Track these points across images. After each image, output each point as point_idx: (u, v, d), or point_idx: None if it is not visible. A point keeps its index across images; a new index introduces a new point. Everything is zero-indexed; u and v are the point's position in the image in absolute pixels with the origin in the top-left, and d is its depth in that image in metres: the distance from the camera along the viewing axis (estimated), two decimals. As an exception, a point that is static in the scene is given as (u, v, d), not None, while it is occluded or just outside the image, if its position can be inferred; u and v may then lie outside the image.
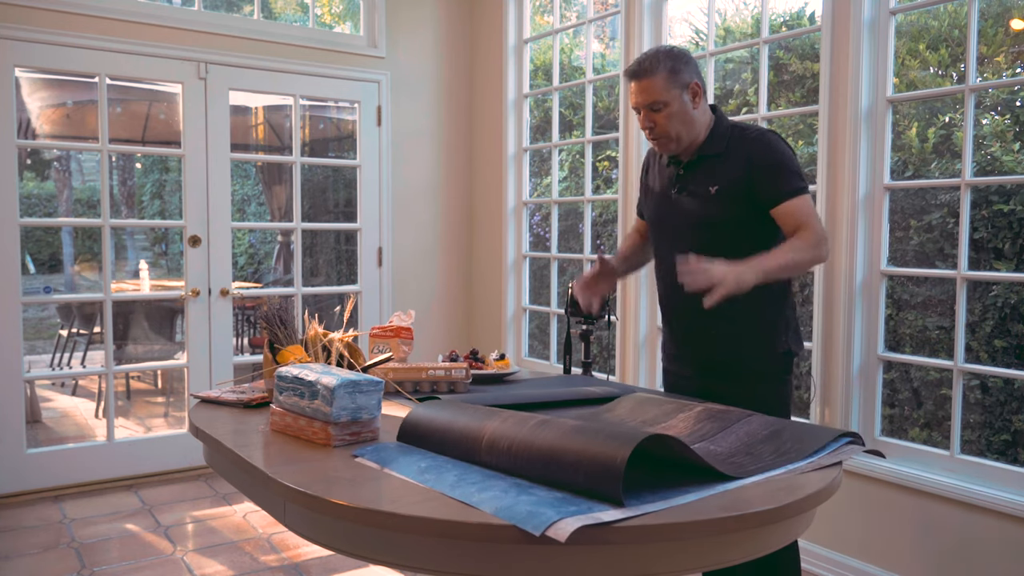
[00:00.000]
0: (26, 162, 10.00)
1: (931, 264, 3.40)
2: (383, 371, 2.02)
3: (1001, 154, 3.21)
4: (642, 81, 2.05)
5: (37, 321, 8.92)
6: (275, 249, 8.40)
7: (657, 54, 2.07)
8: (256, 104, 7.43)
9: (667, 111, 2.04)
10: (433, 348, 4.61)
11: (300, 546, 3.24)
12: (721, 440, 1.54)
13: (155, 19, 3.96)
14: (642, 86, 2.05)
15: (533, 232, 5.06)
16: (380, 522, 1.20)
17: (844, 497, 2.85)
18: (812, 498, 1.30)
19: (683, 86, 2.05)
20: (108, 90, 3.91)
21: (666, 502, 1.22)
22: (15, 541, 3.28)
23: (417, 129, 4.73)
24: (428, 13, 4.73)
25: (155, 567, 3.05)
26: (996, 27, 3.34)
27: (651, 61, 2.05)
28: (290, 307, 2.06)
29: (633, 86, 2.08)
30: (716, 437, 1.56)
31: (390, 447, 1.52)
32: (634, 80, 2.07)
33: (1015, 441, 3.19)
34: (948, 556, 2.62)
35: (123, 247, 10.29)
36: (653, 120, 2.05)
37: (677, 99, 2.04)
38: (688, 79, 2.06)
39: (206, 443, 1.73)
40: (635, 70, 2.07)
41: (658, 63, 2.04)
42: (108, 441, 4.02)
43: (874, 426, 2.89)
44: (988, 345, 3.22)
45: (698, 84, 2.07)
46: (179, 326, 6.08)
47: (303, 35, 4.39)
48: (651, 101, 2.04)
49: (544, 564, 1.16)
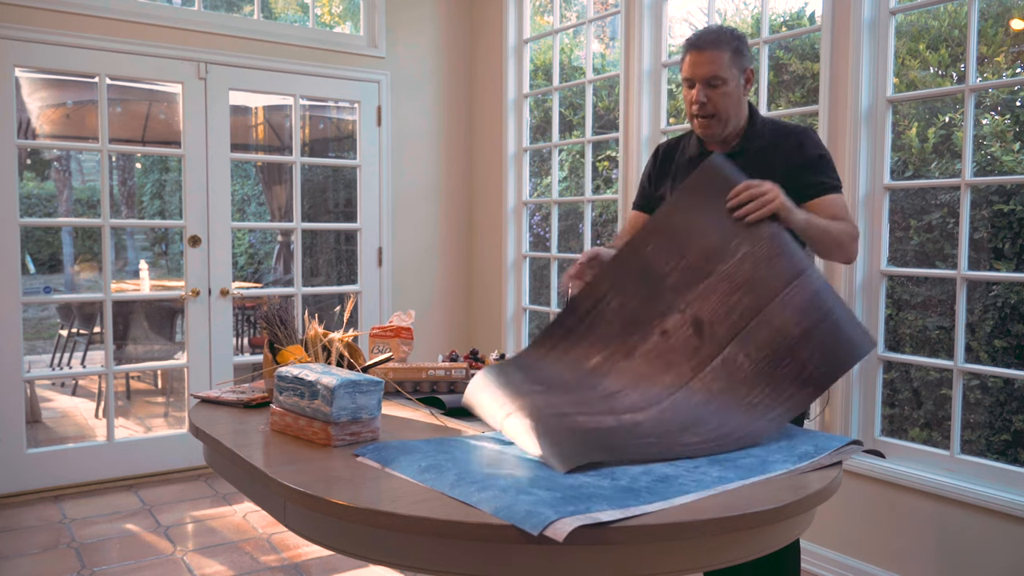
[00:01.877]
0: (26, 162, 10.00)
1: (931, 264, 3.40)
2: (383, 371, 2.02)
3: (1001, 154, 3.21)
4: (705, 52, 1.95)
5: (37, 321, 8.92)
6: (275, 249, 8.40)
7: (722, 30, 1.99)
8: (256, 104, 7.43)
9: (724, 89, 1.95)
10: (433, 348, 4.61)
11: (300, 546, 3.24)
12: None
13: (155, 19, 3.96)
14: (705, 57, 1.95)
15: (533, 232, 5.06)
16: (380, 522, 1.20)
17: (844, 497, 2.85)
18: (812, 498, 1.30)
19: (741, 69, 1.99)
20: (108, 90, 3.91)
21: (666, 502, 1.22)
22: (15, 541, 3.28)
23: (417, 129, 4.73)
24: (428, 13, 4.73)
25: (155, 567, 3.05)
26: (996, 27, 3.34)
27: (717, 35, 1.97)
28: (290, 307, 2.06)
29: (694, 57, 1.97)
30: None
31: (391, 446, 1.52)
32: (697, 51, 1.97)
33: (1015, 441, 3.18)
34: (948, 556, 2.62)
35: (123, 247, 10.29)
36: (707, 95, 1.96)
37: (735, 79, 1.97)
38: (747, 64, 2.00)
39: (206, 443, 1.73)
40: (699, 41, 1.98)
41: (724, 39, 1.97)
42: (108, 441, 4.02)
43: (874, 426, 2.89)
44: (988, 345, 3.22)
45: (752, 72, 2.02)
46: (179, 326, 6.08)
47: (303, 35, 4.39)
48: (712, 75, 1.95)
49: (543, 564, 1.16)
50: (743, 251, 1.68)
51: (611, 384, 1.68)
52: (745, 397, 1.53)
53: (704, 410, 1.56)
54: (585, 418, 1.53)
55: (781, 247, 1.68)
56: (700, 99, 1.97)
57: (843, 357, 1.60)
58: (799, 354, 1.54)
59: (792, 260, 1.66)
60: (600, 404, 1.61)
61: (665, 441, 1.48)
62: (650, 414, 1.57)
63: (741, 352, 1.56)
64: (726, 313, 1.62)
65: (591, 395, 1.64)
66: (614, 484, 1.28)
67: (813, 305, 1.61)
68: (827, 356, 1.56)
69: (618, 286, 1.78)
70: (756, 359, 1.56)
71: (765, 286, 1.62)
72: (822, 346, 1.55)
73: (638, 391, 1.65)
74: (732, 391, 1.57)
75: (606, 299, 1.78)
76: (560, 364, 1.75)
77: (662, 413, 1.57)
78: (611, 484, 1.28)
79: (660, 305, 1.72)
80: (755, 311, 1.59)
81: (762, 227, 1.71)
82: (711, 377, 1.61)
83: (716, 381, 1.60)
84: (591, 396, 1.63)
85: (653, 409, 1.59)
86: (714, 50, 1.95)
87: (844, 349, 1.60)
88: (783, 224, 1.75)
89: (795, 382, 1.52)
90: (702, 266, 1.70)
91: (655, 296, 1.73)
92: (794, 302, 1.60)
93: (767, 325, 1.57)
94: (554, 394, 1.62)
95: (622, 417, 1.56)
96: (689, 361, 1.64)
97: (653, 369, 1.67)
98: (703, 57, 1.96)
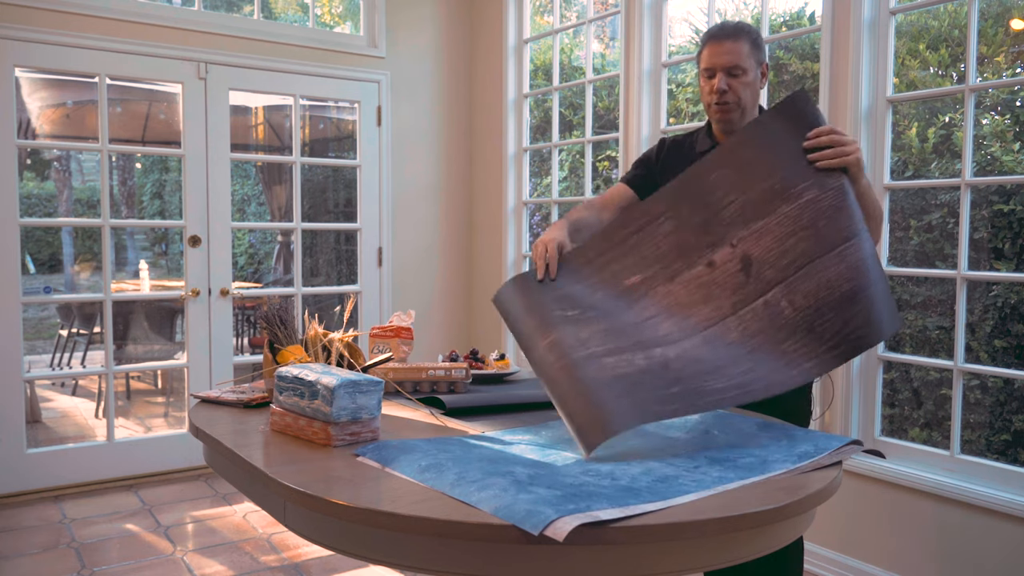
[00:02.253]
0: (26, 162, 10.00)
1: (931, 264, 3.40)
2: (383, 371, 2.02)
3: (1001, 154, 3.21)
4: (726, 43, 1.99)
5: (37, 321, 8.92)
6: (275, 249, 8.40)
7: (741, 23, 2.04)
8: (256, 104, 7.43)
9: (744, 79, 1.99)
10: (433, 348, 4.61)
11: (300, 546, 3.24)
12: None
13: (155, 19, 3.96)
14: (727, 47, 1.99)
15: (533, 232, 5.06)
16: (380, 522, 1.20)
17: (844, 497, 2.85)
18: (812, 498, 1.30)
19: (759, 62, 2.03)
20: (108, 90, 3.91)
21: (666, 502, 1.22)
22: (15, 541, 3.28)
23: (417, 129, 4.73)
24: (428, 13, 4.73)
25: (155, 567, 3.05)
26: (996, 27, 3.34)
27: (736, 27, 2.02)
28: (290, 307, 2.06)
29: (714, 48, 2.01)
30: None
31: (391, 446, 1.52)
32: (718, 41, 2.01)
33: (1015, 441, 3.18)
34: (948, 556, 2.62)
35: (123, 247, 10.28)
36: (728, 84, 1.99)
37: (753, 71, 2.01)
38: (763, 58, 2.04)
39: (206, 443, 1.73)
40: (720, 32, 2.02)
41: (743, 30, 2.01)
42: (108, 441, 4.02)
43: (874, 426, 2.89)
44: (988, 345, 3.22)
45: (767, 67, 2.06)
46: (179, 326, 6.08)
47: (303, 35, 4.39)
48: (733, 64, 1.98)
49: (544, 564, 1.16)
50: (808, 196, 1.67)
51: (645, 308, 1.66)
52: (781, 343, 1.54)
53: (736, 350, 1.56)
54: (613, 359, 1.51)
55: (846, 202, 1.67)
56: (721, 87, 1.99)
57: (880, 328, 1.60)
58: (843, 311, 1.54)
59: (853, 218, 1.66)
60: (631, 333, 1.59)
61: (692, 387, 1.48)
62: (682, 348, 1.56)
63: (785, 298, 1.56)
64: (778, 256, 1.61)
65: (623, 320, 1.62)
66: (614, 484, 1.28)
67: (865, 268, 1.61)
68: (868, 321, 1.56)
69: (674, 209, 1.76)
70: (800, 307, 1.56)
71: (823, 236, 1.62)
72: (865, 310, 1.56)
73: (672, 320, 1.63)
74: (768, 335, 1.57)
75: (660, 220, 1.76)
76: (598, 276, 1.73)
77: (695, 349, 1.56)
78: (611, 484, 1.28)
79: (712, 236, 1.71)
80: (808, 259, 1.59)
81: (831, 176, 1.69)
82: (750, 317, 1.60)
83: (755, 322, 1.59)
84: (623, 322, 1.61)
85: (686, 343, 1.58)
86: (735, 40, 1.99)
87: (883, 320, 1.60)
88: (854, 178, 1.75)
89: (832, 339, 1.52)
90: (763, 204, 1.69)
91: (709, 226, 1.72)
92: (849, 259, 1.60)
93: (817, 276, 1.57)
94: (585, 323, 1.60)
95: (652, 353, 1.55)
96: (731, 297, 1.64)
97: (692, 298, 1.66)
98: (724, 47, 1.99)
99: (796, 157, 1.73)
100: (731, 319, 1.61)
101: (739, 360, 1.54)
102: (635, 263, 1.74)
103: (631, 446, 1.52)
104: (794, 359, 1.53)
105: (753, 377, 1.50)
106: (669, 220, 1.76)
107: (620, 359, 1.52)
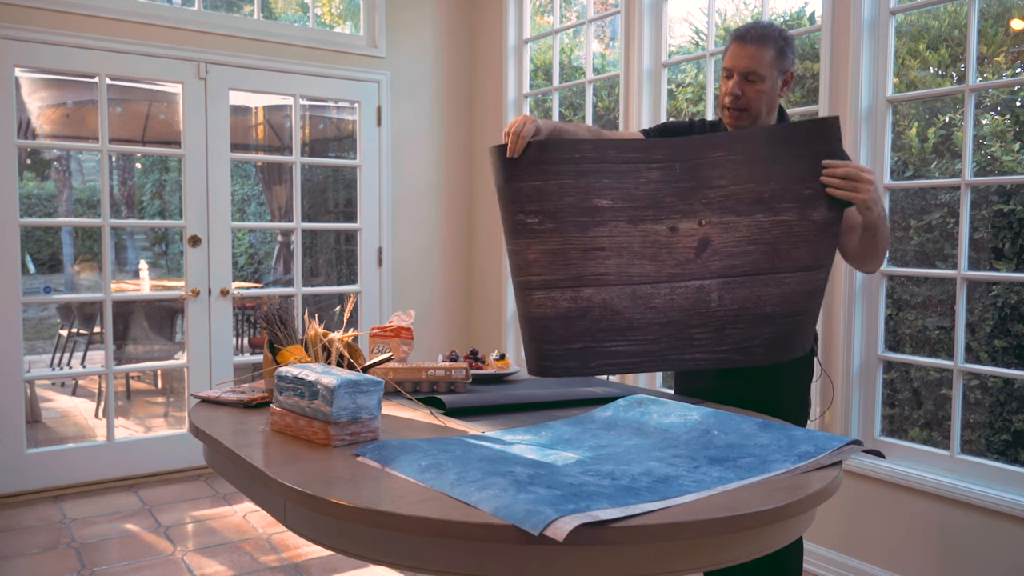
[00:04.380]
0: (26, 162, 10.00)
1: (931, 264, 3.40)
2: (383, 371, 2.02)
3: (1001, 154, 3.21)
4: (749, 47, 1.97)
5: (37, 321, 8.92)
6: (275, 249, 8.40)
7: (772, 28, 2.00)
8: (256, 104, 7.42)
9: (760, 86, 1.96)
10: (433, 348, 4.61)
11: (300, 546, 3.24)
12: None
13: (155, 19, 3.96)
14: (749, 52, 1.96)
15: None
16: (380, 522, 1.20)
17: (844, 497, 2.85)
18: (812, 498, 1.30)
19: (782, 70, 1.99)
20: (108, 90, 3.91)
21: (666, 502, 1.22)
22: (15, 541, 3.28)
23: (417, 129, 4.73)
24: (428, 13, 4.73)
25: (155, 567, 3.05)
26: (996, 27, 3.34)
27: (765, 31, 1.98)
28: (290, 307, 2.06)
29: (737, 49, 1.99)
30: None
31: (391, 446, 1.52)
32: (742, 43, 1.98)
33: (1015, 441, 3.18)
34: (948, 556, 2.62)
35: (123, 247, 10.28)
36: (743, 88, 1.96)
37: (773, 79, 1.98)
38: (788, 66, 2.01)
39: (206, 443, 1.73)
40: (747, 34, 1.99)
41: (771, 36, 1.97)
42: (108, 441, 4.02)
43: (874, 426, 2.89)
44: (988, 345, 3.22)
45: (792, 75, 2.02)
46: (179, 326, 6.08)
47: (303, 35, 4.39)
48: (750, 70, 1.96)
49: (544, 564, 1.16)
50: (785, 217, 1.73)
51: (598, 237, 1.74)
52: (692, 328, 1.69)
53: (654, 316, 1.72)
54: (541, 294, 1.66)
55: (819, 236, 1.73)
56: (735, 91, 1.97)
57: (775, 354, 1.74)
58: (754, 328, 1.66)
59: (817, 253, 1.73)
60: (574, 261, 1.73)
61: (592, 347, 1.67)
62: (610, 295, 1.72)
63: (717, 291, 1.69)
64: (732, 254, 1.70)
65: (573, 242, 1.73)
66: (614, 484, 1.28)
67: (796, 299, 1.70)
68: (768, 343, 1.69)
69: (669, 163, 1.80)
70: (724, 306, 1.68)
71: (777, 258, 1.69)
72: (772, 335, 1.70)
73: (615, 261, 1.73)
74: (686, 316, 1.71)
75: (651, 164, 1.79)
76: (574, 182, 1.77)
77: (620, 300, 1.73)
78: (611, 484, 1.28)
79: (688, 205, 1.77)
80: (754, 271, 1.68)
81: (819, 211, 1.73)
82: (681, 292, 1.71)
83: (682, 299, 1.71)
84: (572, 244, 1.72)
85: (616, 289, 1.72)
86: (759, 46, 1.96)
87: (783, 346, 1.73)
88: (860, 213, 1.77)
89: (731, 345, 1.72)
90: (745, 203, 1.74)
91: (690, 195, 1.77)
92: (787, 287, 1.69)
93: (753, 288, 1.68)
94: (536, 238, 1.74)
95: (580, 294, 1.70)
96: (674, 267, 1.73)
97: (643, 250, 1.74)
98: (746, 51, 1.97)
99: (796, 177, 1.76)
100: (664, 286, 1.71)
101: (650, 327, 1.68)
102: (611, 188, 1.78)
103: (631, 446, 1.52)
104: (694, 347, 1.67)
105: (653, 348, 1.66)
106: (659, 169, 1.79)
107: (547, 296, 1.64)
